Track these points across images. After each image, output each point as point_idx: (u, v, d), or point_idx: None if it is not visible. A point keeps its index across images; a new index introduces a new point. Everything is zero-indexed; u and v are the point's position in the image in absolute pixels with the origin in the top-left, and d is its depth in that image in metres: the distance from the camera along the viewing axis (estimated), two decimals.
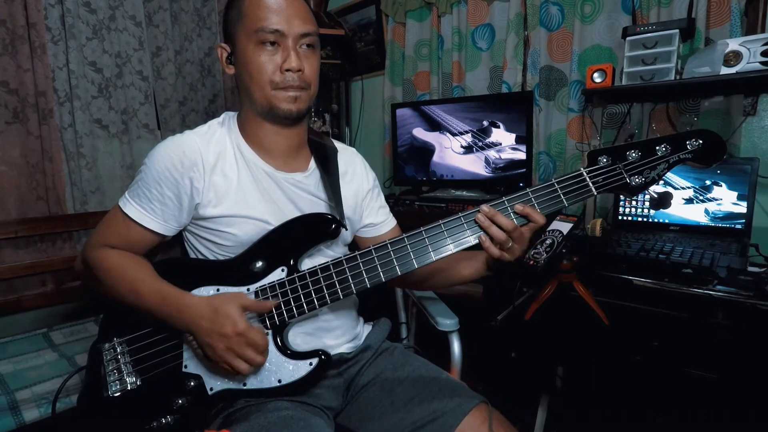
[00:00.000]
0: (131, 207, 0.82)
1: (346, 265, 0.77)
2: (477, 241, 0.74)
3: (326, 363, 0.78)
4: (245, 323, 0.73)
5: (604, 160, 0.73)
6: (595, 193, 0.73)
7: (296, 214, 0.85)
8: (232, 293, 0.78)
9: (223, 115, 0.89)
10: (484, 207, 0.73)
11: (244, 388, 0.78)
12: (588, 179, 0.73)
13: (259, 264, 0.81)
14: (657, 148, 0.71)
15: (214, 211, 0.81)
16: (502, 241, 0.73)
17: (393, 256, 0.75)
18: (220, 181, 0.82)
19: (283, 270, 0.80)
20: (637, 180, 0.72)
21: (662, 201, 0.78)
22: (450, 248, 0.74)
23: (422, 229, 0.75)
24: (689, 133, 0.71)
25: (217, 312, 0.73)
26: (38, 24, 1.64)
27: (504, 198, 0.74)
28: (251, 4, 0.78)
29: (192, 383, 0.80)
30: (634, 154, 0.72)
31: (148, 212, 0.81)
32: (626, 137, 1.52)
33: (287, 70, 0.78)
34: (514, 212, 0.73)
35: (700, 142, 0.70)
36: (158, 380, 0.81)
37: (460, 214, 0.75)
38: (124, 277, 0.80)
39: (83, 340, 1.47)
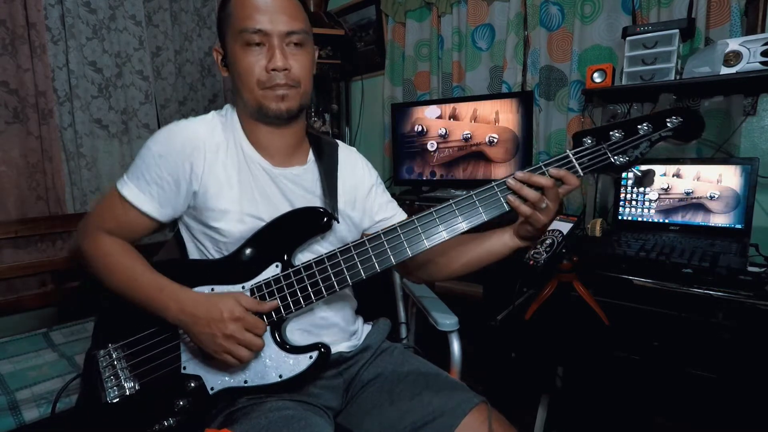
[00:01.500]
0: (128, 188, 0.81)
1: (340, 258, 0.77)
2: (468, 227, 0.74)
3: (326, 356, 0.78)
4: (242, 309, 0.74)
5: (589, 140, 0.74)
6: (582, 174, 0.74)
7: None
8: (231, 293, 0.78)
9: (225, 107, 0.89)
10: (519, 173, 0.73)
11: (245, 385, 0.78)
12: (574, 160, 0.74)
13: (253, 261, 0.81)
14: (639, 126, 0.72)
15: (210, 203, 0.81)
16: (535, 200, 0.72)
17: (387, 246, 0.76)
18: (220, 172, 0.81)
19: (277, 266, 0.80)
20: (621, 159, 0.73)
21: (644, 178, 0.79)
22: (443, 235, 0.75)
23: (414, 217, 0.76)
24: (669, 111, 0.71)
25: (215, 303, 0.74)
26: (38, 24, 1.64)
27: (493, 183, 0.74)
28: (236, 4, 0.78)
29: (192, 384, 0.80)
30: (617, 134, 0.73)
31: (144, 194, 0.81)
32: (608, 117, 1.53)
33: (273, 70, 0.78)
34: (550, 175, 0.73)
35: (681, 119, 0.71)
36: (157, 383, 0.80)
37: (451, 201, 0.75)
38: (120, 266, 0.80)
39: (83, 340, 1.47)
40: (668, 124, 0.71)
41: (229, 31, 0.79)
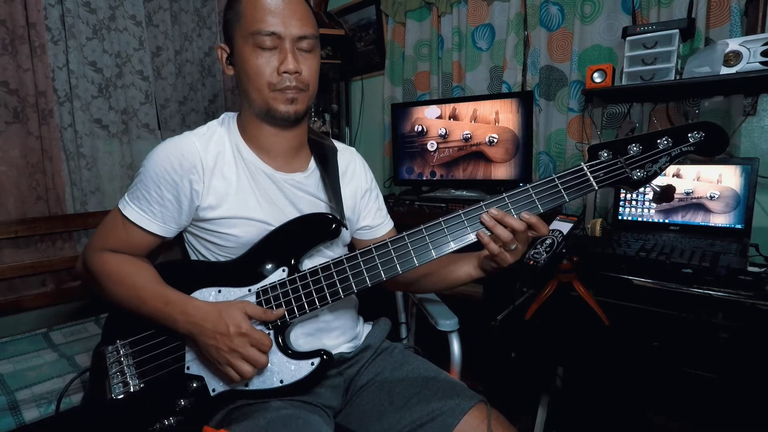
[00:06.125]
0: (130, 209, 0.82)
1: (346, 264, 0.77)
2: (477, 238, 0.74)
3: (328, 363, 0.78)
4: (249, 324, 0.74)
5: (605, 154, 0.73)
6: (597, 188, 0.72)
7: (296, 215, 0.85)
8: (237, 301, 0.77)
9: (222, 116, 0.89)
10: (493, 210, 0.73)
11: (247, 389, 0.78)
12: (589, 174, 0.72)
13: (260, 265, 0.81)
14: (658, 141, 0.71)
15: (214, 213, 0.81)
16: (507, 240, 0.72)
17: (393, 254, 0.75)
18: (220, 183, 0.82)
19: (284, 270, 0.80)
20: (638, 174, 0.71)
21: (665, 194, 0.77)
22: (451, 246, 0.74)
23: (423, 227, 0.75)
24: (691, 126, 0.70)
25: (221, 314, 0.74)
26: (38, 24, 1.64)
27: (505, 194, 0.74)
28: (248, 5, 0.78)
29: (194, 384, 0.80)
30: (635, 148, 0.71)
31: (147, 214, 0.81)
32: (627, 131, 1.52)
33: (284, 73, 0.78)
34: (521, 219, 0.73)
35: (703, 134, 0.69)
36: (161, 382, 0.81)
37: (460, 211, 0.75)
38: (125, 283, 0.80)
39: (83, 340, 1.47)
40: (690, 139, 0.69)
41: (238, 32, 0.79)
